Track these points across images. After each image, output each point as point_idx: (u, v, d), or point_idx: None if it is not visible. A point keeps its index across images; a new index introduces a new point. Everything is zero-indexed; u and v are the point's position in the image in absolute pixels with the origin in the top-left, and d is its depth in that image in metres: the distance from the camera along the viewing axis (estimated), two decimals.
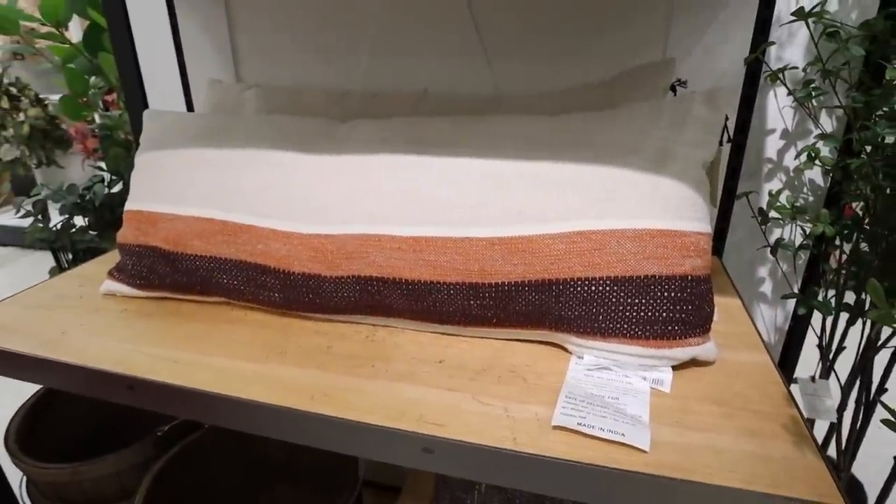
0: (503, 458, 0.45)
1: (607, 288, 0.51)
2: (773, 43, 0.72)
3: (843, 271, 0.72)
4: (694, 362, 0.54)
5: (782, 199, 0.79)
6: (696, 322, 0.51)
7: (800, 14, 0.64)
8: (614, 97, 0.67)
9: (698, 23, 0.75)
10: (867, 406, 0.82)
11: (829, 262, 0.78)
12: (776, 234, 0.83)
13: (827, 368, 0.86)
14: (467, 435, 0.47)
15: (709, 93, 0.55)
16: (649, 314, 0.50)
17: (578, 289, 0.52)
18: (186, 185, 0.67)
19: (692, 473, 0.42)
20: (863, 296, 0.72)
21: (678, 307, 0.50)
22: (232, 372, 0.57)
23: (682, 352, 0.51)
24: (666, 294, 0.50)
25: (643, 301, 0.50)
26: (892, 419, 0.43)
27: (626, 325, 0.51)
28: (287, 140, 0.65)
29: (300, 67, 0.95)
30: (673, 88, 0.70)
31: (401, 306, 0.59)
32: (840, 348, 0.84)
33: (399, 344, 0.61)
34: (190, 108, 1.03)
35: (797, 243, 0.80)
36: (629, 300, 0.51)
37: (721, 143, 0.54)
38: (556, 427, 0.47)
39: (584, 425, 0.46)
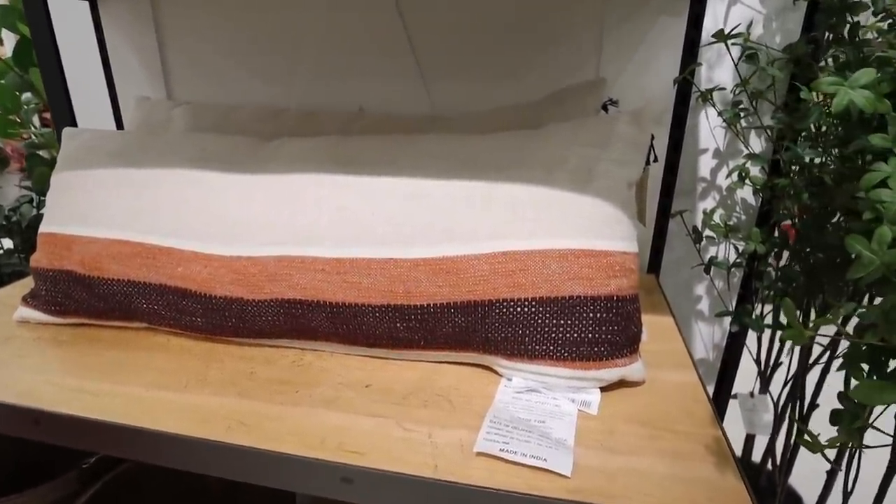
0: (423, 486, 0.44)
1: (532, 309, 0.50)
2: (700, 64, 0.74)
3: (774, 288, 0.74)
4: (623, 382, 0.54)
5: (716, 217, 0.81)
6: (622, 342, 0.51)
7: (719, 36, 0.66)
8: (545, 117, 0.68)
9: (628, 43, 0.76)
10: (799, 421, 0.83)
11: (762, 280, 0.80)
12: (711, 251, 0.85)
13: (764, 384, 0.88)
14: (387, 463, 0.45)
15: (634, 112, 0.56)
16: (575, 335, 0.50)
17: (504, 310, 0.51)
18: (102, 205, 0.64)
19: (612, 499, 0.41)
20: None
21: (604, 328, 0.50)
22: (147, 402, 0.54)
23: (609, 373, 0.51)
24: (591, 315, 0.50)
25: (569, 322, 0.50)
26: (809, 440, 0.43)
27: (552, 347, 0.50)
28: (209, 158, 0.62)
29: (234, 85, 0.93)
30: (605, 108, 0.70)
31: (326, 329, 0.57)
32: (777, 364, 0.86)
33: (326, 368, 0.59)
34: (120, 125, 0.99)
35: (731, 261, 0.81)
36: (555, 321, 0.50)
37: (648, 163, 0.55)
38: (478, 453, 0.45)
39: (507, 451, 0.44)
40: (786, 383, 0.81)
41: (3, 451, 0.96)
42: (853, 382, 0.44)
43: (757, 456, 0.96)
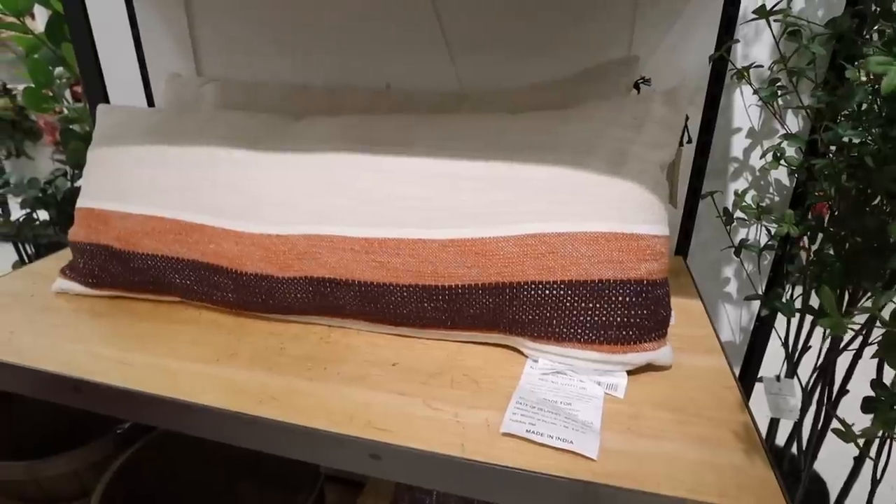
0: (450, 465, 0.44)
1: (561, 292, 0.50)
2: (738, 41, 0.72)
3: (808, 272, 0.72)
4: (650, 367, 0.54)
5: (748, 198, 0.79)
6: (651, 327, 0.50)
7: (761, 12, 0.63)
8: (577, 94, 0.66)
9: (663, 20, 0.74)
10: (829, 406, 0.82)
11: (794, 263, 0.78)
12: (742, 234, 0.83)
13: (791, 368, 0.87)
14: (415, 441, 0.46)
15: (669, 93, 0.54)
16: (604, 319, 0.50)
17: (532, 292, 0.51)
18: (137, 182, 0.65)
19: (640, 482, 0.41)
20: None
21: (633, 312, 0.49)
22: (181, 374, 0.56)
23: (637, 357, 0.51)
24: (620, 299, 0.49)
25: (597, 305, 0.49)
26: (843, 429, 0.43)
27: (580, 330, 0.50)
28: (239, 137, 0.63)
29: (262, 61, 0.93)
30: (636, 86, 0.69)
31: (354, 308, 0.57)
32: (805, 348, 0.85)
33: (353, 346, 0.59)
34: (151, 101, 1.00)
35: (762, 243, 0.80)
36: (583, 304, 0.50)
37: (681, 144, 0.53)
38: (504, 434, 0.46)
39: (533, 432, 0.45)
40: (815, 369, 0.79)
41: (43, 414, 1.00)
42: (888, 371, 0.43)
43: (780, 439, 0.95)
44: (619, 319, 0.50)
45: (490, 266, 0.51)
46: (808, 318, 0.82)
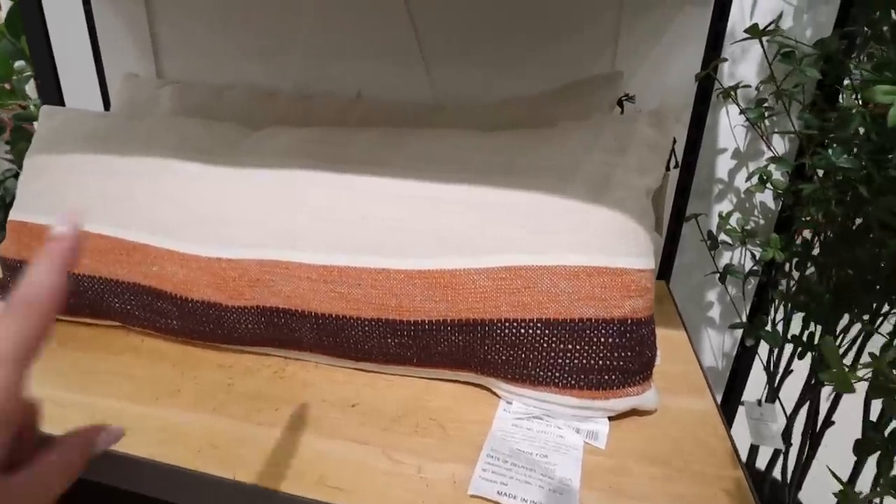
0: None
1: (538, 331, 0.45)
2: (725, 59, 0.68)
3: (793, 300, 0.69)
4: (633, 410, 0.49)
5: (732, 221, 0.76)
6: (635, 369, 0.46)
7: (754, 31, 0.60)
8: (557, 111, 0.62)
9: (649, 35, 0.70)
10: (813, 438, 0.79)
11: (776, 289, 0.75)
12: (725, 257, 0.80)
13: (773, 392, 0.84)
14: (371, 502, 0.41)
15: (655, 113, 0.50)
16: (584, 362, 0.45)
17: (506, 331, 0.46)
18: (75, 194, 0.58)
19: None
20: (812, 327, 0.69)
21: (616, 354, 0.45)
22: (114, 416, 0.49)
23: (620, 402, 0.46)
24: (603, 340, 0.45)
25: (577, 347, 0.45)
26: (844, 491, 0.39)
27: (558, 373, 0.46)
28: (192, 147, 0.57)
29: (226, 64, 0.87)
30: (620, 104, 0.65)
31: (311, 341, 0.52)
32: (787, 372, 0.82)
33: (310, 382, 0.54)
34: (107, 102, 0.93)
35: (747, 268, 0.76)
36: (562, 346, 0.45)
37: (668, 168, 0.49)
38: (473, 496, 0.41)
39: (505, 494, 0.40)
40: (800, 399, 0.76)
41: None
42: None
43: (761, 463, 0.92)
44: (600, 362, 0.45)
45: (460, 301, 0.46)
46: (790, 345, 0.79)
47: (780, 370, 0.82)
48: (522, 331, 0.45)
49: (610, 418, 0.48)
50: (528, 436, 0.46)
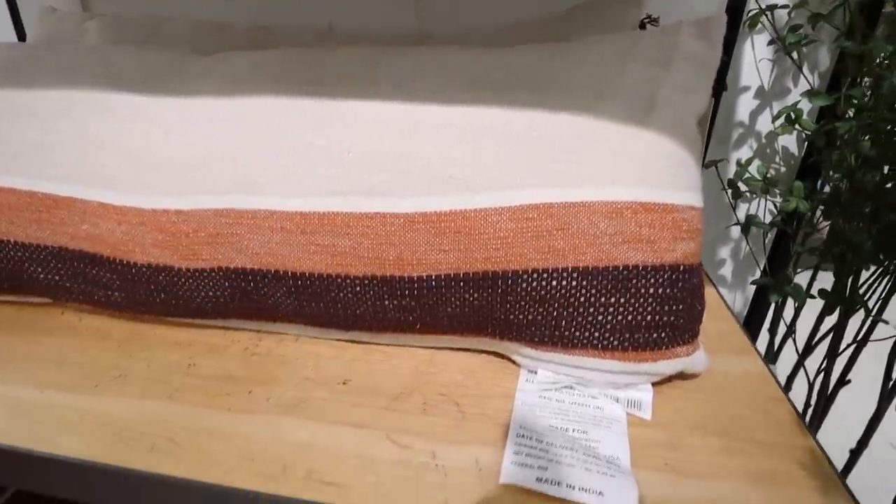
0: None
1: (573, 283, 0.37)
2: None
3: (829, 252, 0.62)
4: (675, 375, 0.42)
5: (752, 169, 0.69)
6: (685, 326, 0.38)
7: None
8: (571, 35, 0.53)
9: None
10: (828, 398, 0.74)
11: (795, 241, 0.69)
12: (741, 209, 0.73)
13: (774, 353, 0.78)
14: (377, 501, 0.32)
15: (702, 23, 0.42)
16: (629, 318, 0.37)
17: (533, 284, 0.37)
18: None
19: None
20: (846, 281, 0.63)
21: (666, 307, 0.37)
22: (41, 410, 0.39)
23: (669, 365, 0.39)
24: (652, 291, 0.37)
25: (621, 300, 0.37)
26: None
27: (597, 333, 0.38)
28: (124, 76, 0.46)
29: None
30: (642, 26, 0.57)
31: (289, 309, 0.43)
32: (790, 331, 0.76)
33: (289, 358, 0.45)
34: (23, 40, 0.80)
35: (767, 220, 0.70)
36: (602, 299, 0.37)
37: (716, 93, 0.41)
38: (505, 485, 0.33)
39: (546, 481, 0.32)
40: (804, 351, 0.71)
41: None
42: None
43: None
44: (648, 318, 0.37)
45: (476, 249, 0.37)
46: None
47: (783, 329, 0.76)
48: (554, 283, 0.37)
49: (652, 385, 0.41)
50: (560, 409, 0.38)
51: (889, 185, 0.57)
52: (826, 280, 0.66)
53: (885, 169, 0.58)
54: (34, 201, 0.44)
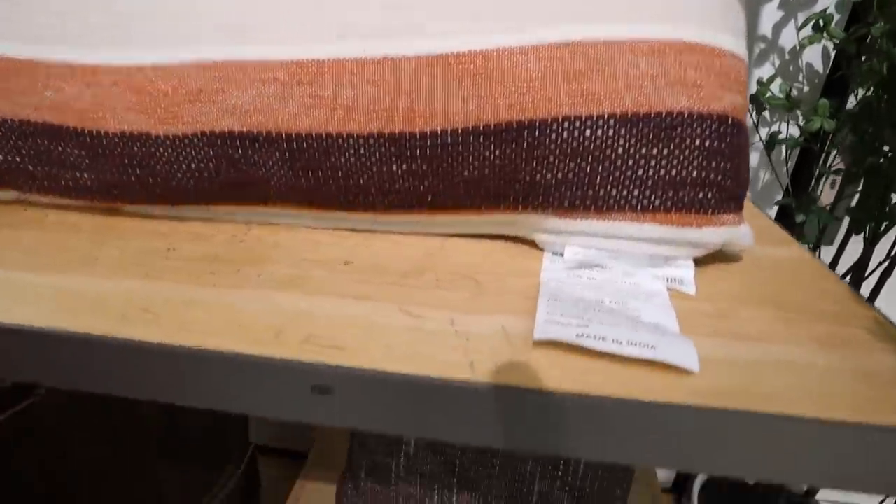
0: (455, 394, 0.26)
1: (610, 131, 0.32)
2: None
3: (858, 169, 0.59)
4: (713, 258, 0.38)
5: (774, 88, 0.65)
6: (732, 189, 0.34)
7: None
8: None
9: None
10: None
11: (818, 162, 0.65)
12: (762, 130, 0.70)
13: None
14: (388, 362, 0.27)
15: None
16: (672, 172, 0.33)
17: (564, 135, 0.33)
18: None
19: (768, 400, 0.25)
20: (877, 196, 0.59)
21: (714, 163, 0.33)
22: (6, 287, 0.34)
23: (715, 232, 0.34)
24: (699, 142, 0.32)
25: (665, 151, 0.32)
26: None
27: (636, 191, 0.33)
28: None
29: None
30: None
31: (283, 182, 0.38)
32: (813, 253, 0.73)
33: (283, 244, 0.40)
34: None
35: (792, 138, 0.66)
36: (643, 150, 0.32)
37: None
38: (539, 342, 0.28)
39: (589, 336, 0.27)
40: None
41: None
42: None
43: None
44: (694, 173, 0.33)
45: (498, 95, 0.33)
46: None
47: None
48: (588, 132, 0.32)
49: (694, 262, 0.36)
50: (593, 285, 0.34)
51: None
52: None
53: None
54: None
